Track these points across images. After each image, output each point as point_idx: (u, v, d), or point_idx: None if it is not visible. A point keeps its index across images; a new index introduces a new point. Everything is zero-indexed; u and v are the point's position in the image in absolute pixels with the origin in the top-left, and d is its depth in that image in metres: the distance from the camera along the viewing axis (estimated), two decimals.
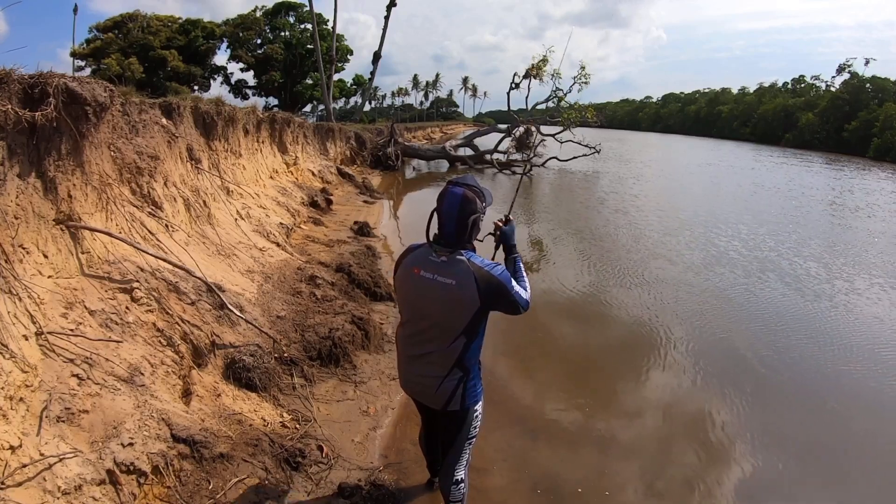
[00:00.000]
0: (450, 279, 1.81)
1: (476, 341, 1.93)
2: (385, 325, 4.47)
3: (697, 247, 8.59)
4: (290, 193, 8.59)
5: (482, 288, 1.81)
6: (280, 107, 36.16)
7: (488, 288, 1.82)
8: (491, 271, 1.83)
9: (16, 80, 2.39)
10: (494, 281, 1.83)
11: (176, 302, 3.19)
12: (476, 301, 1.81)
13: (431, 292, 1.85)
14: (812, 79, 71.31)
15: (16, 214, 2.35)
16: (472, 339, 1.91)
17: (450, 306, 1.84)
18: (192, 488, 2.25)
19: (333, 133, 16.00)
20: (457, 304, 1.83)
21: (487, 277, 1.82)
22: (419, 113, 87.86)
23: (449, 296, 1.82)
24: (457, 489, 2.11)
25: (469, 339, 1.90)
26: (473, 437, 2.10)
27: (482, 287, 1.81)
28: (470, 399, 1.99)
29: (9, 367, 1.94)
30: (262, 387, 3.12)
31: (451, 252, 1.84)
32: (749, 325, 5.28)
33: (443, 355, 1.91)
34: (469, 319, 1.85)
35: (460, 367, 1.93)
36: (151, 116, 4.33)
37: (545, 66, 19.42)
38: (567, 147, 20.15)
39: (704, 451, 3.19)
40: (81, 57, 34.13)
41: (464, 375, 1.94)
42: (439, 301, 1.84)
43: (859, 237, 10.40)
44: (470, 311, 1.83)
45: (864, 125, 47.66)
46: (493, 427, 3.07)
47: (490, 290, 1.82)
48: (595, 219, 10.96)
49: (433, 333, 1.90)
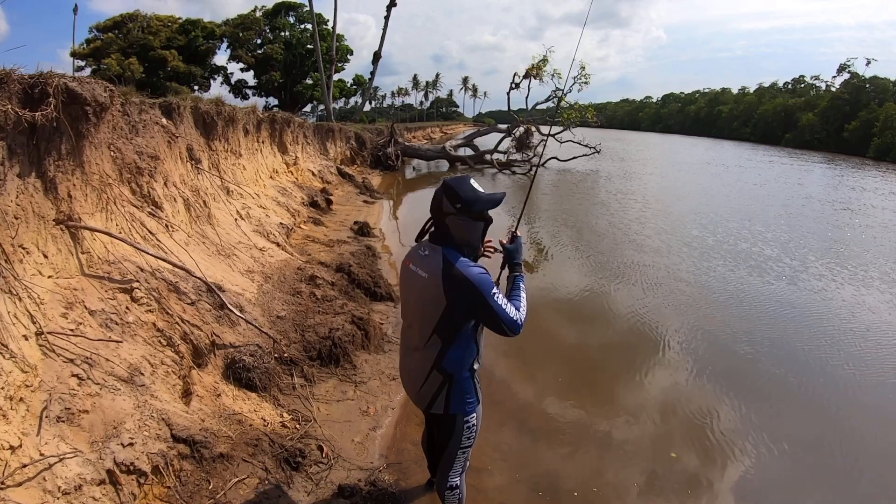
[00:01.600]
0: (424, 272, 1.81)
1: (455, 349, 1.84)
2: (385, 325, 4.47)
3: (697, 246, 8.59)
4: (290, 193, 8.59)
5: (447, 284, 1.73)
6: (280, 107, 36.17)
7: (453, 285, 1.72)
8: (463, 269, 1.73)
9: (16, 80, 2.39)
10: (461, 278, 1.72)
11: (176, 302, 3.19)
12: (441, 297, 1.74)
13: (412, 285, 1.87)
14: (812, 79, 71.42)
15: (16, 214, 2.35)
16: (449, 343, 1.82)
17: (422, 300, 1.83)
18: (192, 488, 2.25)
19: (333, 133, 16.00)
20: (427, 299, 1.80)
21: (455, 273, 1.72)
22: (419, 113, 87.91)
23: (421, 288, 1.82)
24: (451, 495, 2.09)
25: (445, 343, 1.82)
26: (467, 447, 2.02)
27: (447, 283, 1.73)
28: (456, 407, 1.91)
29: (9, 367, 1.94)
30: (262, 387, 3.12)
31: (434, 247, 1.84)
32: (749, 324, 5.28)
33: (423, 354, 1.88)
34: (438, 317, 1.78)
35: (440, 370, 1.86)
36: (151, 116, 4.34)
37: (545, 67, 19.46)
38: (567, 147, 20.17)
39: (704, 450, 3.19)
40: (81, 57, 34.12)
41: (445, 381, 1.87)
42: (415, 293, 1.86)
43: (855, 236, 10.40)
44: (437, 307, 1.76)
45: (865, 125, 47.64)
46: (493, 427, 3.07)
47: (456, 288, 1.72)
48: (594, 218, 10.96)
49: (414, 328, 1.91)
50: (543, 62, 19.49)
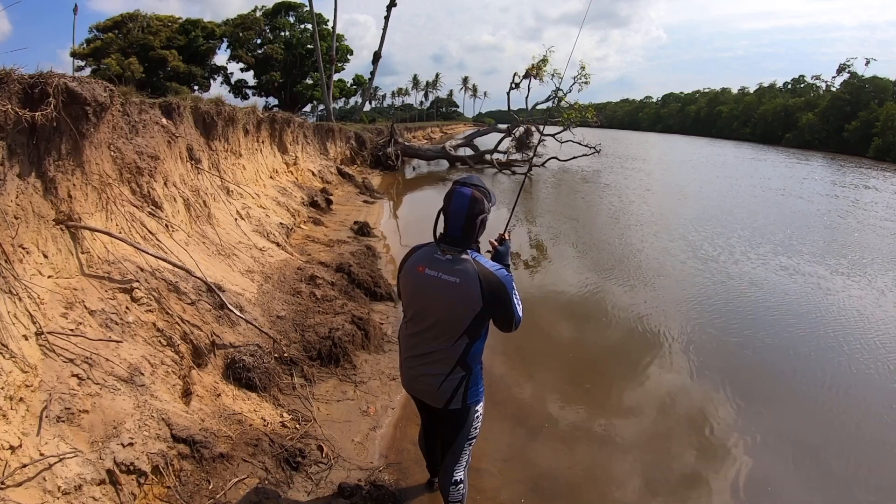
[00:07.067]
0: (454, 277, 1.82)
1: (479, 342, 1.94)
2: (385, 325, 4.47)
3: (695, 244, 8.58)
4: (290, 193, 8.59)
5: (485, 288, 1.81)
6: (280, 107, 36.11)
7: (491, 288, 1.82)
8: (495, 272, 1.84)
9: (16, 80, 2.40)
10: (497, 281, 1.83)
11: (176, 302, 3.19)
12: (479, 300, 1.82)
13: (435, 290, 1.85)
14: (812, 79, 71.30)
15: (16, 214, 2.36)
16: (475, 339, 1.91)
17: (453, 305, 1.84)
18: (192, 488, 2.25)
19: (333, 133, 16.00)
20: (460, 303, 1.83)
21: (491, 277, 1.82)
22: (419, 113, 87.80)
23: (452, 294, 1.83)
24: (456, 490, 2.11)
25: (472, 340, 1.90)
26: (473, 438, 2.10)
27: (485, 287, 1.81)
28: (472, 398, 2.00)
29: (9, 367, 1.94)
30: (262, 387, 3.12)
31: (457, 251, 1.85)
32: (749, 323, 5.27)
33: (446, 354, 1.91)
34: (472, 319, 1.85)
35: (463, 366, 1.93)
36: (151, 116, 4.34)
37: (545, 67, 19.46)
38: (567, 147, 20.17)
39: (703, 449, 3.19)
40: (81, 57, 34.07)
41: (466, 375, 1.95)
42: (443, 299, 1.85)
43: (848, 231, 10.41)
44: (473, 310, 1.83)
45: (865, 125, 47.57)
46: (492, 427, 3.07)
47: (493, 291, 1.82)
48: (594, 217, 10.96)
49: (436, 332, 1.90)
50: (543, 62, 19.48)
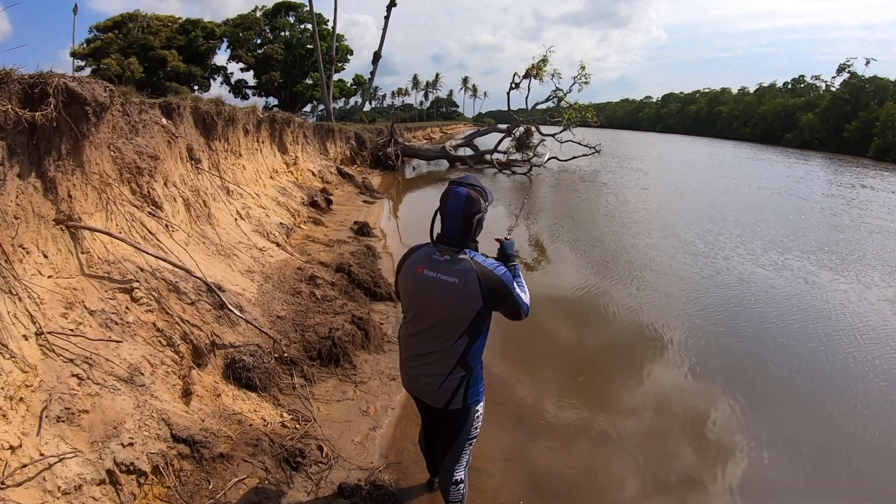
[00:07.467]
0: (453, 277, 1.83)
1: (479, 342, 1.94)
2: (385, 325, 4.47)
3: (694, 243, 8.58)
4: (290, 193, 8.59)
5: (484, 286, 1.82)
6: (280, 107, 36.10)
7: (490, 286, 1.83)
8: (494, 270, 1.86)
9: (16, 80, 2.40)
10: (496, 279, 1.84)
11: (176, 302, 3.19)
12: (479, 299, 1.83)
13: (435, 291, 1.86)
14: (812, 79, 71.28)
15: (16, 214, 2.36)
16: (475, 338, 1.92)
17: (453, 304, 1.85)
18: (192, 488, 2.25)
19: (333, 133, 16.00)
20: (459, 303, 1.84)
21: (489, 276, 1.84)
22: (419, 113, 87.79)
23: (452, 294, 1.83)
24: (456, 489, 2.12)
25: (472, 339, 1.91)
26: (474, 438, 2.10)
27: (484, 285, 1.82)
28: (472, 398, 2.01)
29: (9, 367, 1.94)
30: (262, 387, 3.12)
31: (455, 251, 1.86)
32: (750, 321, 5.27)
33: (446, 354, 1.92)
34: (472, 318, 1.86)
35: (463, 366, 1.94)
36: (151, 116, 4.34)
37: (545, 67, 19.46)
38: (567, 147, 20.16)
39: (703, 449, 3.19)
40: (81, 57, 34.07)
41: (466, 374, 1.96)
42: (442, 300, 1.85)
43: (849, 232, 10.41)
44: (473, 309, 1.84)
45: (865, 125, 47.54)
46: (493, 427, 3.07)
47: (492, 289, 1.84)
48: (594, 217, 10.95)
49: (436, 332, 1.91)
50: (543, 62, 19.49)
